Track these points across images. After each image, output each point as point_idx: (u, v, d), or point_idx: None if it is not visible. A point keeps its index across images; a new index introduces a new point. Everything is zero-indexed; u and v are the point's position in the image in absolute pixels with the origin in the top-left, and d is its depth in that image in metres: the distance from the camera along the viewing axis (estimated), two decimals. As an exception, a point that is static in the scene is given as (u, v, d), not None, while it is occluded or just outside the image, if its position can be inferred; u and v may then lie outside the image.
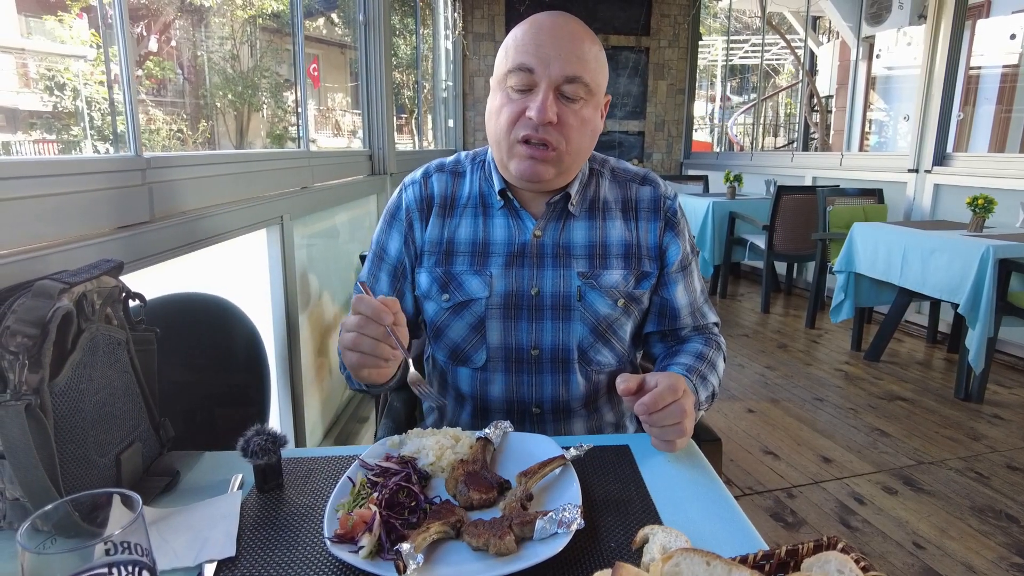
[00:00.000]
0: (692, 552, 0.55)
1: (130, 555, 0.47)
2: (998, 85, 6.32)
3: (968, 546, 1.99)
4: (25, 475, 0.63)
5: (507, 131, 0.99)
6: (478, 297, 1.08)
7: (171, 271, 1.23)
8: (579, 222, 1.10)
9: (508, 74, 0.99)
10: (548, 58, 0.96)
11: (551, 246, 1.08)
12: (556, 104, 0.97)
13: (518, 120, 0.98)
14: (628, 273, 1.10)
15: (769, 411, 3.05)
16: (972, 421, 2.91)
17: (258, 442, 0.78)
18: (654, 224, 1.13)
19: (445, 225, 1.11)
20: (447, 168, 1.15)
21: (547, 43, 0.97)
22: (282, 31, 6.96)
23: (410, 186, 1.14)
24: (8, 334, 0.65)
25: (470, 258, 1.09)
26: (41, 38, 6.18)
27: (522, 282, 1.08)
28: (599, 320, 1.09)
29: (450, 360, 1.13)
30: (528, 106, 0.97)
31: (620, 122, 7.15)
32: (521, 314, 1.08)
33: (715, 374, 1.09)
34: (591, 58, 0.99)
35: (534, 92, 0.97)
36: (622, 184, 1.15)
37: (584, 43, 0.98)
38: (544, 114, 0.95)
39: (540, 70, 0.96)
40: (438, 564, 0.64)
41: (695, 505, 0.76)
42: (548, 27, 0.98)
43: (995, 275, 2.84)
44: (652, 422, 0.86)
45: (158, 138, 6.22)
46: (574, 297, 1.08)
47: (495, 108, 1.02)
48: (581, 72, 0.97)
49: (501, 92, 1.01)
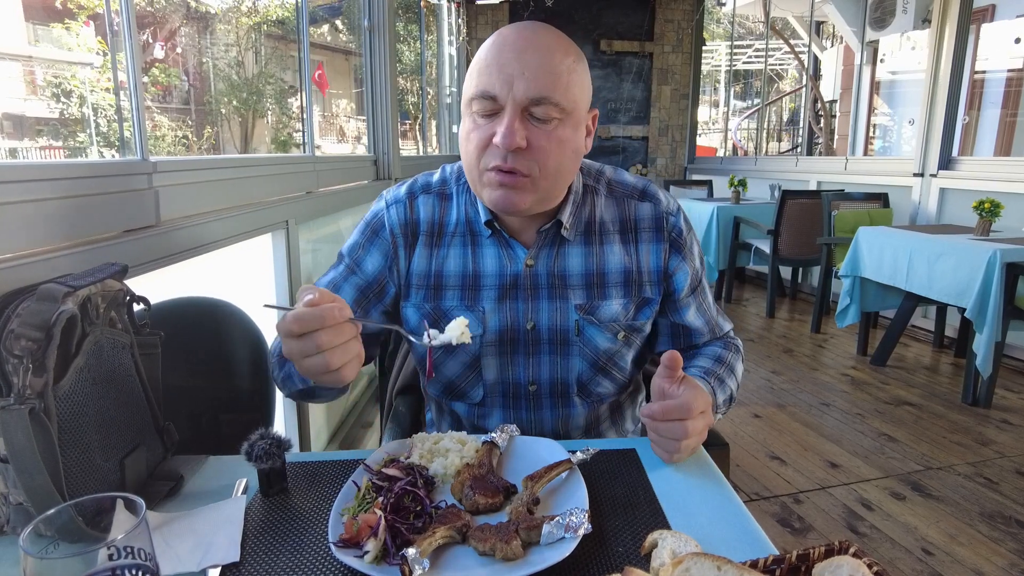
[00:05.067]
0: (702, 557, 0.54)
1: (133, 560, 0.47)
2: (1003, 89, 6.30)
3: (978, 552, 1.97)
4: (29, 479, 0.63)
5: (476, 159, 0.91)
6: (471, 335, 1.02)
7: (176, 275, 1.22)
8: (574, 248, 1.02)
9: (472, 100, 0.91)
10: (511, 78, 0.86)
11: (545, 276, 1.02)
12: (524, 127, 0.87)
13: (486, 147, 0.90)
14: (628, 302, 1.04)
15: (775, 416, 3.04)
16: (980, 426, 2.89)
17: (262, 446, 0.78)
18: (657, 246, 1.05)
19: (433, 256, 1.03)
20: (434, 189, 1.06)
21: (511, 61, 0.87)
22: (287, 38, 7.00)
23: (393, 205, 1.05)
24: (12, 338, 0.65)
25: (460, 292, 1.02)
26: (48, 45, 6.23)
27: (517, 316, 1.02)
28: (599, 355, 1.05)
29: (445, 395, 1.09)
30: (495, 131, 0.88)
31: (624, 127, 7.15)
32: (517, 348, 1.03)
33: (733, 378, 1.06)
34: (563, 72, 0.88)
35: (500, 116, 0.88)
36: (619, 201, 1.06)
37: (554, 56, 0.88)
38: (510, 140, 0.86)
39: (503, 93, 0.87)
40: (444, 569, 0.64)
41: (704, 510, 0.75)
42: (512, 42, 0.88)
43: (1002, 279, 2.82)
44: (653, 429, 0.85)
45: (163, 144, 6.26)
46: (572, 332, 1.02)
47: (464, 134, 0.94)
48: (550, 91, 0.87)
49: (468, 117, 0.93)
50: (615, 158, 7.16)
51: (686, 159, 7.34)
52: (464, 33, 6.60)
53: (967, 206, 3.50)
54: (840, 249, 4.03)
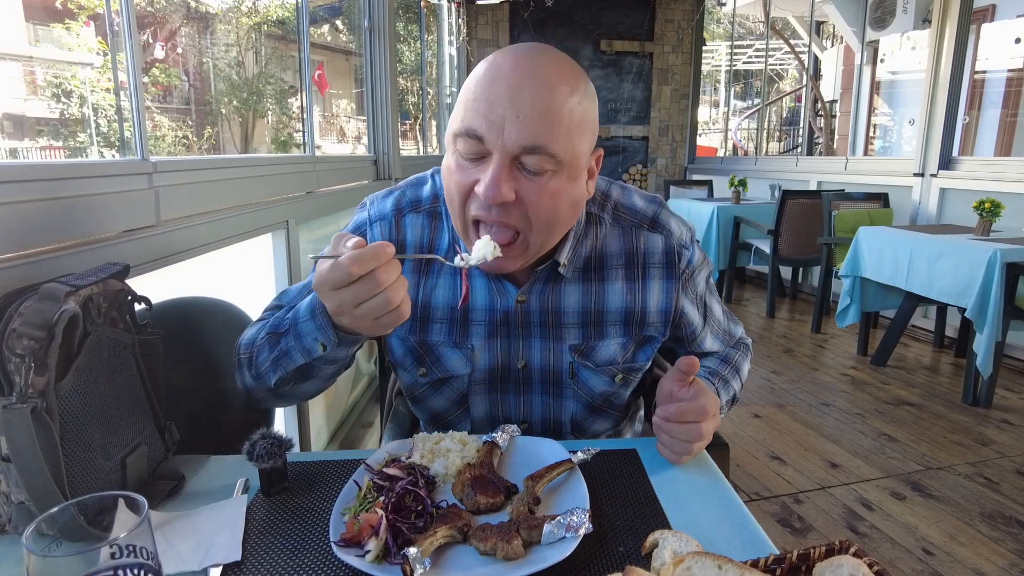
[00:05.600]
0: (704, 556, 0.54)
1: (135, 558, 0.47)
2: (1003, 89, 6.30)
3: (978, 552, 1.97)
4: (31, 478, 0.63)
5: (460, 206, 0.82)
6: (459, 374, 0.97)
7: (177, 275, 1.22)
8: (571, 285, 0.94)
9: (456, 137, 0.80)
10: (502, 121, 0.75)
11: (538, 313, 0.94)
12: (513, 178, 0.77)
13: (469, 194, 0.80)
14: (628, 341, 0.96)
15: (775, 416, 3.04)
16: (980, 426, 2.89)
17: (263, 446, 0.78)
18: (666, 284, 0.96)
19: (420, 285, 0.95)
20: (424, 206, 0.96)
21: (503, 99, 0.75)
22: (287, 38, 7.01)
23: (378, 223, 0.96)
24: (14, 337, 0.65)
25: (448, 327, 0.95)
26: (49, 46, 6.23)
27: (508, 354, 0.96)
28: (594, 397, 0.99)
29: (431, 425, 1.05)
30: (479, 178, 0.77)
31: (624, 127, 7.15)
32: (508, 387, 0.98)
33: (738, 378, 1.05)
34: (563, 116, 0.76)
35: (486, 161, 0.77)
36: (627, 231, 0.95)
37: (555, 95, 0.75)
38: (494, 194, 0.75)
39: (491, 137, 0.75)
40: (445, 568, 0.64)
41: (704, 510, 0.75)
42: (507, 75, 0.76)
43: (1003, 279, 2.82)
44: (666, 430, 0.83)
45: (164, 144, 6.27)
46: (566, 374, 0.96)
47: (446, 170, 0.84)
48: (545, 140, 0.75)
49: (452, 154, 0.82)
50: (615, 158, 7.16)
51: (686, 159, 7.34)
52: (464, 33, 6.60)
53: (967, 206, 3.51)
54: (840, 249, 4.03)
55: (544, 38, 6.69)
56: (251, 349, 0.92)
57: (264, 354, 0.89)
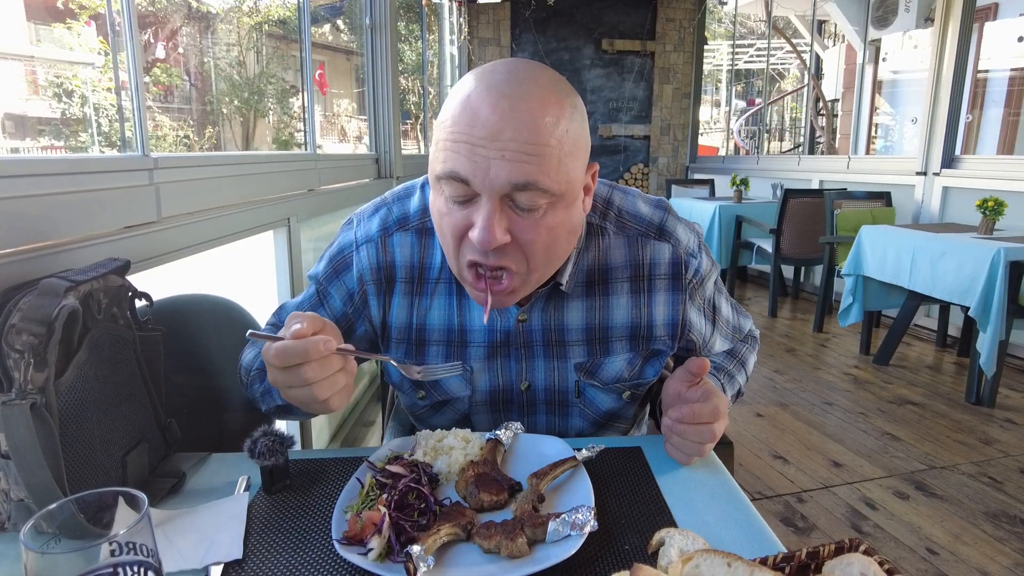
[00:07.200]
0: (712, 553, 0.53)
1: (136, 556, 0.46)
2: (1006, 88, 6.29)
3: (983, 552, 1.96)
4: (30, 475, 0.63)
5: (454, 249, 0.78)
6: (459, 396, 0.95)
7: (178, 271, 1.22)
8: (574, 301, 0.90)
9: (439, 180, 0.75)
10: (486, 163, 0.70)
11: (541, 332, 0.91)
12: (506, 218, 0.73)
13: (463, 238, 0.76)
14: (635, 356, 0.93)
15: (778, 415, 3.03)
16: (984, 425, 2.88)
17: (265, 443, 0.77)
18: (673, 296, 0.92)
19: (414, 307, 0.91)
20: (412, 223, 0.91)
21: (485, 140, 0.69)
22: (288, 37, 7.01)
23: (364, 246, 0.91)
24: (14, 332, 0.64)
25: (445, 348, 0.92)
26: (50, 45, 6.23)
27: (509, 376, 0.93)
28: (600, 415, 0.97)
29: None
30: (472, 221, 0.73)
31: (626, 126, 7.14)
32: (511, 407, 0.96)
33: (743, 372, 1.04)
34: (552, 146, 0.71)
35: (475, 203, 0.73)
36: (632, 240, 0.90)
37: (540, 124, 0.70)
38: (489, 239, 0.71)
39: (477, 180, 0.70)
40: (449, 566, 0.63)
41: (710, 508, 0.74)
42: (487, 113, 0.70)
43: (1006, 278, 2.81)
44: (679, 432, 0.83)
45: (165, 144, 6.26)
46: (571, 393, 0.94)
47: (436, 214, 0.79)
48: (535, 176, 0.70)
49: (440, 196, 0.77)
50: (617, 157, 7.16)
51: (688, 158, 7.33)
52: (466, 32, 6.59)
53: (970, 205, 3.49)
54: (842, 248, 4.02)
55: (545, 37, 6.69)
56: (248, 375, 0.97)
57: (256, 385, 0.94)
